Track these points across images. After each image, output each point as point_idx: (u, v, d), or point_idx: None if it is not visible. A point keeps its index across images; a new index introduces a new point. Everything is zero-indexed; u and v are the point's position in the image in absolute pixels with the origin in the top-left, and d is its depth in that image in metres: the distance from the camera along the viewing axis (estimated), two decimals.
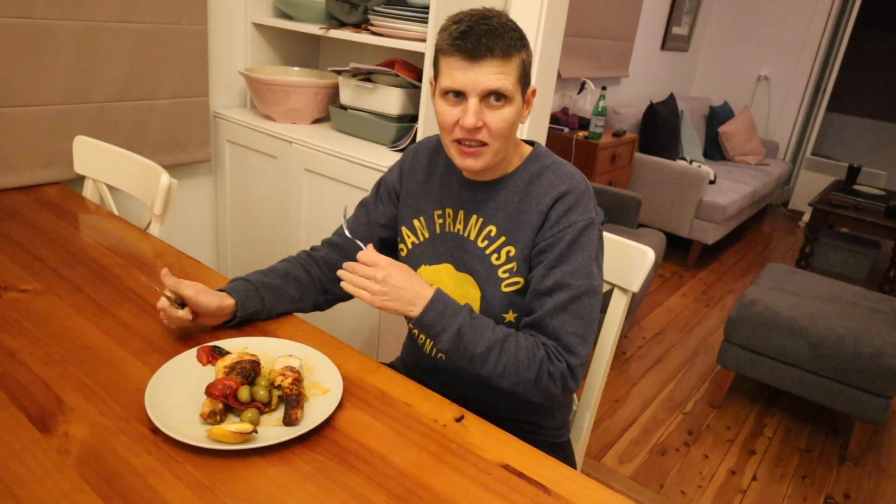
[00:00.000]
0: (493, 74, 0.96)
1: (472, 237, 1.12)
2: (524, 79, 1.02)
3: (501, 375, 1.02)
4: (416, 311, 1.00)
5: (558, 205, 1.05)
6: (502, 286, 1.09)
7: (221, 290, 1.10)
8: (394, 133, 1.94)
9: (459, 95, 0.99)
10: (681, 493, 2.07)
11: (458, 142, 1.02)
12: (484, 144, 1.01)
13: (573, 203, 1.05)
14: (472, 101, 0.98)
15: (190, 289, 1.04)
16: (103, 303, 1.17)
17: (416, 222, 1.19)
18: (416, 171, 1.21)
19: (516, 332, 1.04)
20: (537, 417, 1.21)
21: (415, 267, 1.18)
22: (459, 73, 0.97)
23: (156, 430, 0.86)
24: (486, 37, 0.95)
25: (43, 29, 1.63)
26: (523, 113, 1.06)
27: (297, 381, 0.94)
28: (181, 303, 1.05)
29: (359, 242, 1.10)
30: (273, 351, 1.05)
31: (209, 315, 1.07)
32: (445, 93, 1.01)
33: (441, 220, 1.16)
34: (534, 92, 1.07)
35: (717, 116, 5.09)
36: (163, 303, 1.03)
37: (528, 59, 1.02)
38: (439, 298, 1.01)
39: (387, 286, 0.99)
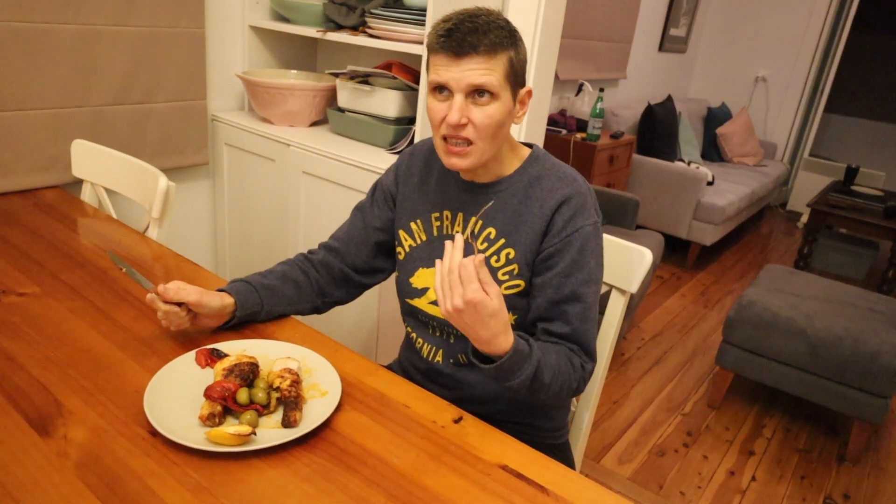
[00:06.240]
0: (476, 70, 0.96)
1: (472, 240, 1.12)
2: (513, 77, 1.00)
3: (557, 395, 1.04)
4: (510, 336, 0.93)
5: (563, 209, 1.06)
6: (502, 289, 1.09)
7: (220, 290, 1.11)
8: (391, 135, 1.94)
9: (446, 91, 1.00)
10: (680, 494, 2.07)
11: (445, 140, 1.02)
12: (469, 143, 1.01)
13: (578, 207, 1.06)
14: (458, 98, 0.98)
15: (194, 294, 1.04)
16: (102, 306, 1.17)
17: (412, 225, 1.19)
18: (412, 174, 1.21)
19: (552, 346, 1.05)
20: (534, 419, 1.22)
21: (412, 270, 1.18)
22: (445, 70, 0.98)
23: (155, 433, 0.86)
24: (470, 34, 0.95)
25: (41, 33, 1.63)
26: (516, 113, 1.06)
27: (296, 383, 0.94)
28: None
29: (473, 243, 1.02)
30: (271, 353, 1.05)
31: (211, 315, 1.08)
32: (434, 89, 1.02)
33: (438, 223, 1.16)
34: (529, 93, 1.07)
35: (715, 118, 5.10)
36: (150, 298, 1.03)
37: (519, 58, 1.01)
38: (518, 347, 0.96)
39: (474, 310, 0.88)
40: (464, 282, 0.88)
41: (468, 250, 1.06)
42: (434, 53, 0.99)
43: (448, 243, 0.91)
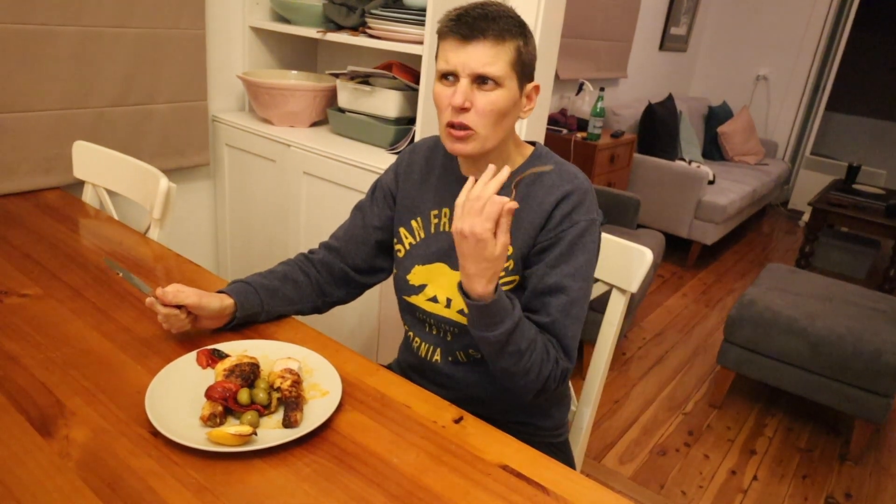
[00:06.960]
0: (483, 56, 0.98)
1: None
2: (520, 67, 1.02)
3: (527, 372, 1.02)
4: (489, 286, 0.95)
5: (562, 204, 1.06)
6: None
7: (221, 292, 1.11)
8: (392, 135, 1.94)
9: (453, 77, 1.01)
10: (681, 494, 2.07)
11: (450, 125, 1.03)
12: (472, 130, 1.02)
13: (577, 203, 1.06)
14: (463, 82, 1.00)
15: (192, 297, 1.04)
16: (103, 307, 1.17)
17: (413, 223, 1.19)
18: (413, 172, 1.21)
19: (534, 326, 1.04)
20: (534, 419, 1.22)
21: (409, 268, 1.18)
22: (452, 55, 1.00)
23: (156, 433, 0.86)
24: (480, 19, 0.98)
25: (42, 35, 1.64)
26: (523, 107, 1.07)
27: (297, 383, 0.94)
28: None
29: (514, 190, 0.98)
30: (272, 353, 1.05)
31: (211, 317, 1.08)
32: (441, 75, 1.03)
33: (437, 220, 1.16)
34: (536, 88, 1.07)
35: (716, 116, 5.10)
36: (149, 302, 1.03)
37: (528, 50, 1.02)
38: (502, 296, 0.98)
39: (475, 243, 0.91)
40: (483, 215, 0.91)
41: (505, 192, 1.02)
42: (443, 38, 1.01)
43: (491, 167, 0.94)
